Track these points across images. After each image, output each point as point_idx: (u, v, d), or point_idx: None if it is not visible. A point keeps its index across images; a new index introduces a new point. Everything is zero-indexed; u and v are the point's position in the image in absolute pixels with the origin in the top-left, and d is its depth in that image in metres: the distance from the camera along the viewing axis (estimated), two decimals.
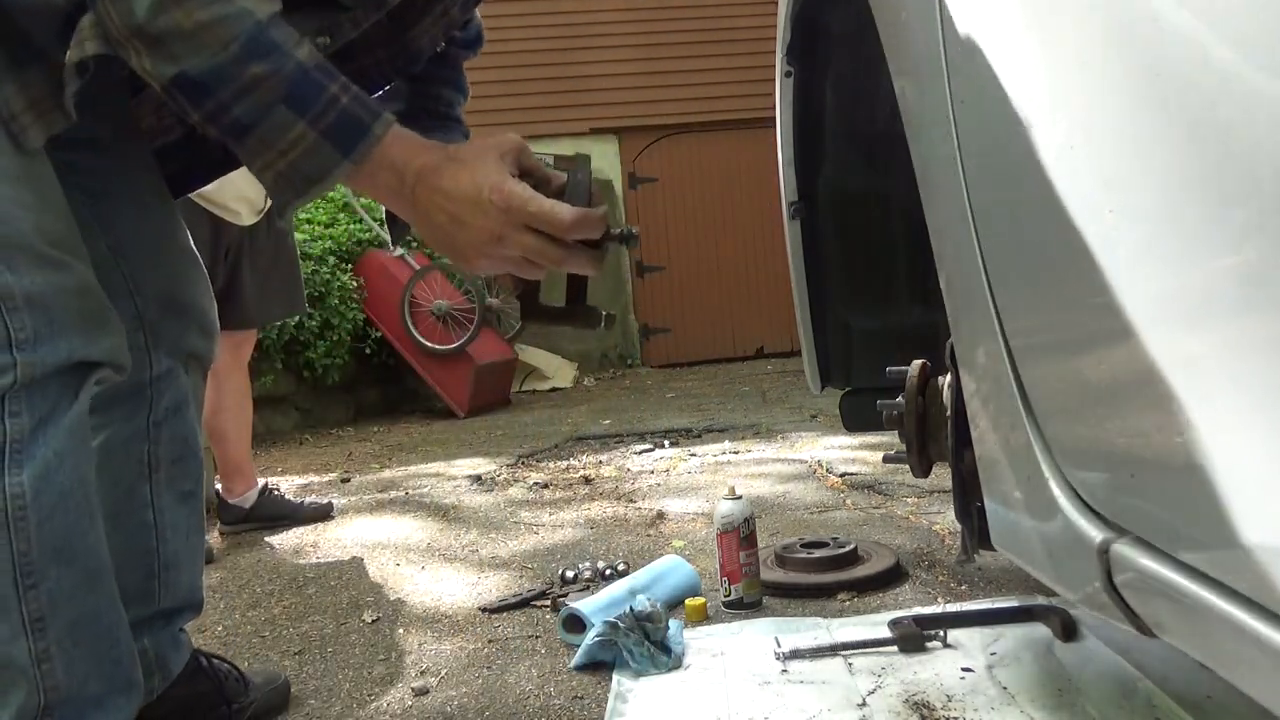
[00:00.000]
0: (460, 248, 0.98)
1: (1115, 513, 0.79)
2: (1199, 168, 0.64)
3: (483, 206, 0.95)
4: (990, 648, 1.45)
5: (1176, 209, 0.66)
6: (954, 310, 1.07)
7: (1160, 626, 0.76)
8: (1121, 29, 0.71)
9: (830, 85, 1.92)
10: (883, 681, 1.37)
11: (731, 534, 1.77)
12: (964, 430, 1.14)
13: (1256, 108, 0.58)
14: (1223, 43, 0.61)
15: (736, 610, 1.77)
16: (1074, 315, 0.83)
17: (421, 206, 0.97)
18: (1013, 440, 0.95)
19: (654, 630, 1.51)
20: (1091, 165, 0.76)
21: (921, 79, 1.08)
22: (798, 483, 2.96)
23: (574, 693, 1.48)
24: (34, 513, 0.94)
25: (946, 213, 1.04)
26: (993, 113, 0.95)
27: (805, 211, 2.03)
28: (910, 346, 1.55)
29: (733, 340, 8.51)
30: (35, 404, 0.94)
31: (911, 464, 1.41)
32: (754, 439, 3.98)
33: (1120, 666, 1.33)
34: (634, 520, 2.60)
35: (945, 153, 1.01)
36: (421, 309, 5.81)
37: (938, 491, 2.57)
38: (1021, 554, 1.04)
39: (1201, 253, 0.64)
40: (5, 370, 0.93)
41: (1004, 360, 0.94)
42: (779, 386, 6.08)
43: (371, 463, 4.12)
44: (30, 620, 0.93)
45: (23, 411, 0.94)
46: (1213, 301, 0.64)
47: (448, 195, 0.96)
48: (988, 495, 1.09)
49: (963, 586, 1.82)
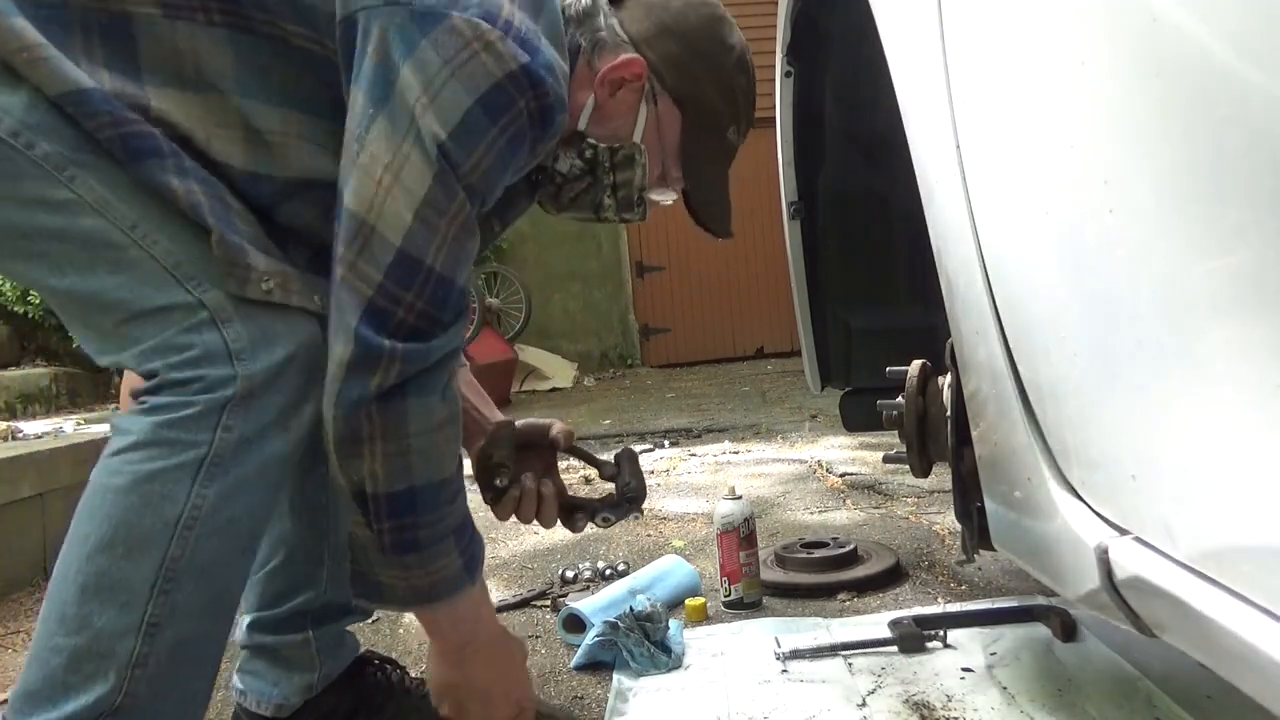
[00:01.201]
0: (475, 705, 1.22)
1: (1115, 513, 0.79)
2: (1199, 167, 0.64)
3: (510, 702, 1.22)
4: (990, 648, 1.45)
5: (1176, 209, 0.66)
6: (954, 310, 1.07)
7: (1160, 626, 0.76)
8: (1121, 28, 0.71)
9: (830, 85, 1.92)
10: (883, 681, 1.37)
11: (731, 534, 1.77)
12: (964, 430, 1.15)
13: (1256, 107, 0.58)
14: (1222, 42, 0.61)
15: (736, 610, 1.77)
16: (1074, 315, 0.83)
17: (468, 665, 1.19)
18: (1013, 440, 0.95)
19: (654, 630, 1.51)
20: (1091, 165, 0.76)
21: (921, 79, 1.08)
22: (798, 483, 2.96)
23: (574, 693, 1.48)
24: (202, 526, 0.95)
25: (946, 213, 1.04)
26: (992, 112, 0.95)
27: (805, 211, 2.03)
28: (910, 346, 1.55)
29: (733, 340, 8.52)
30: (248, 421, 0.97)
31: (911, 464, 1.41)
32: (754, 439, 3.98)
33: (1120, 666, 1.33)
34: (634, 520, 2.61)
35: (945, 152, 1.01)
36: None
37: (938, 491, 2.57)
38: (1021, 554, 1.04)
39: (1201, 252, 0.64)
40: (227, 382, 0.95)
41: (1004, 360, 0.94)
42: (779, 386, 6.08)
43: None
44: (148, 622, 0.94)
45: (235, 426, 0.96)
46: (1212, 301, 0.64)
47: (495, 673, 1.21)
48: (988, 495, 1.09)
49: (963, 586, 1.82)
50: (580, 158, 1.20)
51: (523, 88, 1.01)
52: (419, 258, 1.00)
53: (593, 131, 1.19)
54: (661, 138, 1.21)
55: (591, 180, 1.22)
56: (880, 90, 1.24)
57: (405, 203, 0.99)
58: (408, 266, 0.99)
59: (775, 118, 2.02)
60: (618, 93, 1.18)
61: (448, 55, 0.98)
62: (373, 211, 0.99)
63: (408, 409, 1.01)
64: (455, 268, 1.03)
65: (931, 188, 1.07)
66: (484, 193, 1.04)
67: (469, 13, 0.99)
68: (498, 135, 1.01)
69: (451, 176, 1.00)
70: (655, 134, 1.21)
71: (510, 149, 1.03)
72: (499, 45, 1.00)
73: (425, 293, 1.01)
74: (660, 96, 1.19)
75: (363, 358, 0.99)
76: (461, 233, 1.02)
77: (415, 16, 0.98)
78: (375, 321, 0.99)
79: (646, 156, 1.21)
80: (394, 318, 0.99)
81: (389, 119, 0.98)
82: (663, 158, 1.22)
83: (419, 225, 0.99)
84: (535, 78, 1.02)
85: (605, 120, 1.19)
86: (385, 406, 1.00)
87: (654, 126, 1.20)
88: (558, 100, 1.05)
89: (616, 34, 1.17)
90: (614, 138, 1.20)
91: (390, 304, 0.99)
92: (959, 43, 0.99)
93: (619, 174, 1.21)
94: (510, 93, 1.01)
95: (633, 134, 1.20)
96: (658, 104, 1.19)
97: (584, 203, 1.24)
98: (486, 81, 1.00)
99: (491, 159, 1.02)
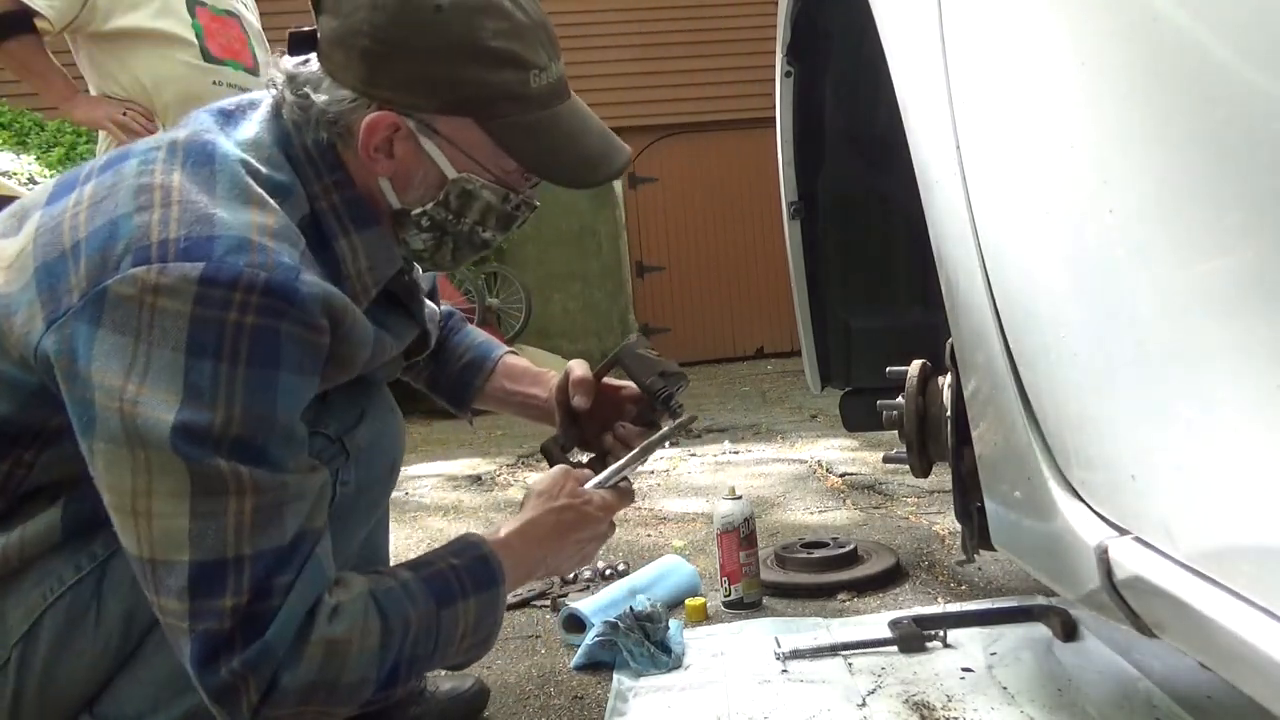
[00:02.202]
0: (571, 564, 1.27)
1: (1115, 513, 0.79)
2: (1199, 167, 0.64)
3: (581, 546, 1.22)
4: (990, 648, 1.45)
5: (1176, 209, 0.66)
6: (954, 310, 1.07)
7: (1160, 626, 0.76)
8: (1121, 28, 0.71)
9: (830, 85, 1.92)
10: (883, 681, 1.37)
11: (731, 534, 1.77)
12: (964, 430, 1.15)
13: (1256, 107, 0.58)
14: (1222, 42, 0.61)
15: (736, 610, 1.77)
16: (1074, 315, 0.83)
17: (555, 560, 1.21)
18: (1013, 440, 0.95)
19: (654, 630, 1.51)
20: (1091, 165, 0.76)
21: (921, 79, 1.08)
22: (798, 483, 2.96)
23: (574, 693, 1.48)
24: None
25: (947, 213, 1.04)
26: (993, 113, 0.95)
27: (805, 211, 2.03)
28: (910, 346, 1.55)
29: (733, 340, 8.51)
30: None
31: (911, 464, 1.41)
32: (754, 439, 3.98)
33: (1120, 666, 1.33)
34: (634, 520, 2.60)
35: (945, 152, 1.01)
36: None
37: (938, 491, 2.57)
38: (1021, 554, 1.04)
39: (1201, 252, 0.64)
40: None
41: (1004, 360, 0.94)
42: (779, 386, 6.08)
43: None
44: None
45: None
46: (1212, 301, 0.64)
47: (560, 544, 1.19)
48: (988, 495, 1.09)
49: (963, 586, 1.82)
50: (423, 230, 1.09)
51: (217, 300, 0.88)
52: (217, 559, 0.88)
53: (410, 200, 1.07)
54: (472, 151, 1.05)
55: (453, 236, 1.11)
56: (880, 90, 1.24)
57: (172, 513, 0.88)
58: (208, 573, 0.88)
59: (775, 118, 2.02)
60: (393, 150, 1.03)
61: (128, 327, 0.87)
62: (144, 545, 0.89)
63: (297, 687, 0.91)
64: (269, 533, 0.91)
65: (931, 187, 1.07)
66: (265, 429, 0.90)
67: (122, 268, 0.88)
68: (229, 367, 0.88)
69: (206, 451, 0.87)
70: (462, 155, 1.05)
71: (264, 365, 0.90)
72: (167, 277, 0.87)
73: (244, 585, 0.89)
74: (433, 120, 1.03)
75: (218, 697, 0.90)
76: (259, 497, 0.90)
77: (78, 314, 0.88)
78: (204, 652, 0.88)
79: (477, 178, 1.06)
80: (219, 635, 0.88)
81: (107, 441, 0.88)
82: (491, 164, 1.07)
83: (199, 526, 0.88)
84: (226, 277, 0.88)
85: (409, 183, 1.06)
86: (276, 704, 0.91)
87: (455, 150, 1.04)
88: (278, 267, 0.90)
89: (338, 101, 1.01)
90: (433, 188, 1.06)
91: (210, 622, 0.88)
92: (959, 42, 0.99)
93: (469, 215, 1.09)
94: (210, 318, 0.88)
95: (444, 172, 1.05)
96: (437, 129, 1.03)
97: (465, 254, 1.14)
98: (179, 324, 0.87)
99: (246, 393, 0.89)
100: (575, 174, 1.09)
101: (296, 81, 1.03)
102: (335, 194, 1.04)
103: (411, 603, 1.00)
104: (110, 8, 2.34)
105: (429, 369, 1.47)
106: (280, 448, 0.92)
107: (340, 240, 1.04)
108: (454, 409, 1.47)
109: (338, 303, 0.97)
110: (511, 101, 1.03)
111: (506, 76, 1.02)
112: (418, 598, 1.01)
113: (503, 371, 1.45)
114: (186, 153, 0.98)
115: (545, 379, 1.44)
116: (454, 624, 1.03)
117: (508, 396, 1.45)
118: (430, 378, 1.47)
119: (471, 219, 1.09)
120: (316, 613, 0.93)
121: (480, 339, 1.50)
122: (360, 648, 0.95)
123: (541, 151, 1.06)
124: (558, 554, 1.19)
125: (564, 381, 1.38)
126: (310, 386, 0.97)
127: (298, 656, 0.91)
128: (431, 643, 1.01)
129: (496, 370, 1.45)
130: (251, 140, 1.02)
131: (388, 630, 0.97)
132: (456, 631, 1.03)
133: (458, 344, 1.47)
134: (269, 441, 0.91)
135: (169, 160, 0.97)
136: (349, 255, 1.04)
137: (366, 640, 0.95)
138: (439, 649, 1.02)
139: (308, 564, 0.93)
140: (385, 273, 1.08)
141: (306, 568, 0.93)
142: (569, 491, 1.19)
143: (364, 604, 0.97)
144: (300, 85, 1.03)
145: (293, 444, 0.94)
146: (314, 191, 1.03)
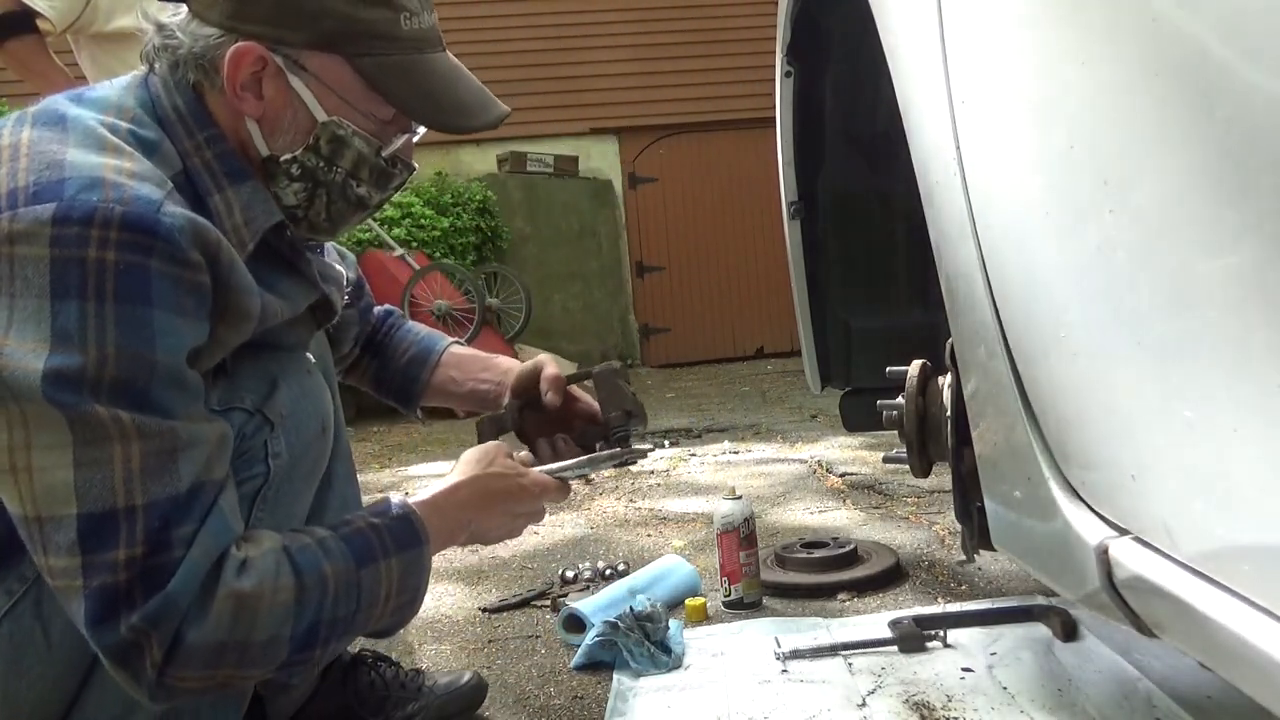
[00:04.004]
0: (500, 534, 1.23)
1: (1115, 513, 0.79)
2: (1199, 167, 0.64)
3: (515, 517, 1.22)
4: (990, 648, 1.45)
5: (1176, 209, 0.66)
6: (954, 310, 1.07)
7: (1160, 626, 0.76)
8: (1121, 28, 0.71)
9: (830, 85, 1.92)
10: (883, 681, 1.37)
11: (731, 534, 1.77)
12: (964, 430, 1.15)
13: (1256, 107, 0.58)
14: (1222, 42, 0.61)
15: (736, 610, 1.77)
16: (1074, 315, 0.83)
17: (481, 526, 1.18)
18: (1013, 440, 0.95)
19: (654, 630, 1.52)
20: (1091, 165, 0.76)
21: (921, 79, 1.08)
22: (798, 483, 2.96)
23: (574, 693, 1.48)
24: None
25: (947, 213, 1.04)
26: (993, 113, 0.95)
27: (805, 211, 2.03)
28: (910, 346, 1.55)
29: (733, 340, 8.51)
30: None
31: (911, 464, 1.41)
32: (754, 439, 3.98)
33: (1120, 666, 1.33)
34: (634, 520, 2.60)
35: (945, 153, 1.01)
36: (422, 309, 5.81)
37: (938, 491, 2.57)
38: (1021, 554, 1.04)
39: (1201, 252, 0.64)
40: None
41: (1004, 360, 0.94)
42: (779, 386, 6.08)
43: (371, 463, 4.12)
44: None
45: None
46: (1212, 301, 0.64)
47: (492, 511, 1.18)
48: (988, 495, 1.09)
49: (963, 586, 1.82)
50: (293, 179, 1.05)
51: (73, 239, 0.84)
52: (107, 509, 0.84)
53: (279, 146, 1.03)
54: (343, 92, 1.02)
55: (325, 188, 1.06)
56: (880, 90, 1.24)
57: (53, 465, 0.84)
58: (98, 525, 0.84)
59: (775, 118, 2.02)
60: (261, 90, 1.01)
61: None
62: (28, 504, 0.85)
63: (204, 645, 0.87)
64: (161, 480, 0.87)
65: (931, 187, 1.07)
66: (144, 371, 0.86)
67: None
68: (96, 305, 0.84)
69: (83, 397, 0.83)
70: (332, 95, 1.02)
71: (133, 301, 0.86)
72: (20, 223, 0.84)
73: (138, 536, 0.85)
74: (300, 55, 1.00)
75: (118, 658, 0.86)
76: (145, 443, 0.86)
77: None
78: (99, 609, 0.84)
79: (348, 123, 1.03)
80: (115, 589, 0.84)
81: None
82: (363, 108, 1.04)
83: (84, 476, 0.84)
84: (79, 214, 0.84)
85: (277, 126, 1.03)
86: (183, 664, 0.87)
87: (324, 89, 1.01)
88: (136, 200, 0.87)
89: (202, 38, 1.00)
90: (302, 133, 1.03)
91: (104, 576, 0.84)
92: (959, 42, 0.99)
93: (340, 162, 1.05)
94: (69, 257, 0.84)
95: (313, 115, 1.02)
96: (305, 66, 1.00)
97: (341, 211, 1.09)
98: (39, 270, 0.84)
99: (117, 332, 0.85)
100: (450, 119, 1.07)
101: (166, 30, 1.02)
102: (208, 150, 1.00)
103: (329, 559, 0.96)
104: (112, 8, 2.35)
105: (372, 368, 1.43)
106: (164, 391, 0.88)
107: (214, 196, 1.00)
108: (402, 408, 1.43)
109: (209, 235, 0.92)
110: (382, 40, 1.02)
111: (376, 15, 1.01)
112: (335, 555, 0.97)
113: (449, 363, 1.41)
114: (36, 116, 0.95)
115: (494, 364, 1.40)
116: (376, 584, 1.00)
117: (456, 387, 1.40)
118: (375, 377, 1.44)
119: (344, 167, 1.05)
120: (223, 565, 0.89)
121: (423, 333, 1.46)
122: (272, 603, 0.91)
123: (415, 93, 1.04)
124: (485, 521, 1.17)
125: (530, 371, 1.34)
126: (196, 331, 0.92)
127: (204, 611, 0.87)
128: (353, 602, 0.97)
129: (443, 362, 1.41)
130: (113, 102, 0.99)
131: (302, 586, 0.93)
132: (380, 592, 1.00)
133: (400, 339, 1.44)
134: (151, 385, 0.87)
135: (17, 124, 0.94)
136: (223, 210, 1.00)
137: (279, 596, 0.91)
138: (361, 609, 0.99)
139: (210, 515, 0.89)
140: (262, 224, 1.02)
141: (209, 519, 0.89)
142: (502, 463, 1.18)
143: (275, 559, 0.92)
144: (169, 32, 1.02)
145: (183, 391, 0.90)
146: (184, 149, 1.00)
